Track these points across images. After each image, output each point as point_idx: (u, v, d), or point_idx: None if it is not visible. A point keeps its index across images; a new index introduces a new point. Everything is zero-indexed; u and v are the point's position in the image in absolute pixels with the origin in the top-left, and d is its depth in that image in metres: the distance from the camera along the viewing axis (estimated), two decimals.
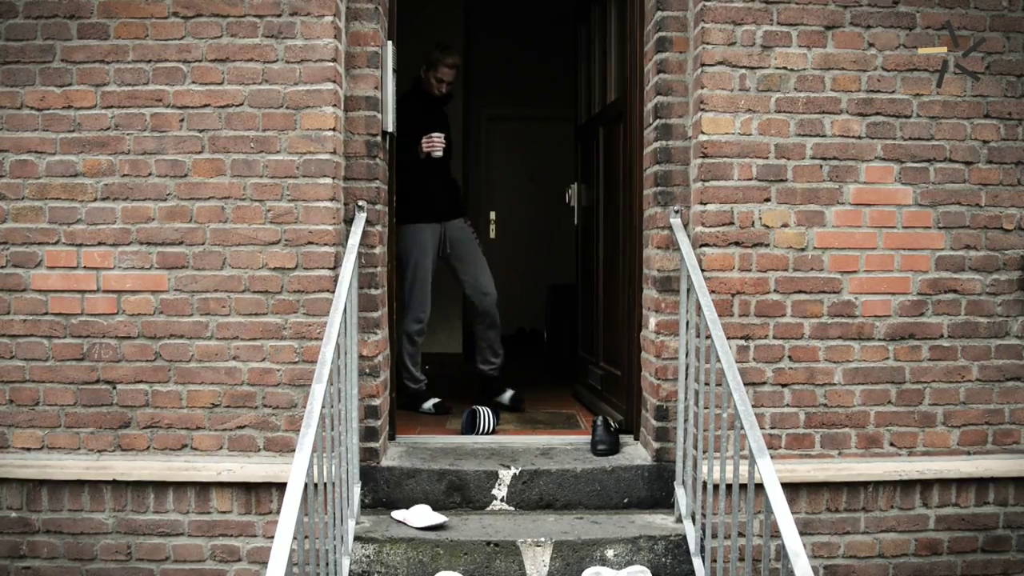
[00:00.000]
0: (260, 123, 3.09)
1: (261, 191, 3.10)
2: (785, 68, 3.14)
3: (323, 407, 2.42)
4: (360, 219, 3.16)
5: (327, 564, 2.51)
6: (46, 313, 3.13)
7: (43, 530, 3.13)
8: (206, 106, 3.09)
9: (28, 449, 3.15)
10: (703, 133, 3.13)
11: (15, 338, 3.13)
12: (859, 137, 3.17)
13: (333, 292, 3.03)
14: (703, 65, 3.12)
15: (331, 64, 3.07)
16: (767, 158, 3.15)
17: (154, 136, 3.10)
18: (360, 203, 3.21)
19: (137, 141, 3.10)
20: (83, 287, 3.12)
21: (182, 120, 3.09)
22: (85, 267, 3.12)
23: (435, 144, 4.10)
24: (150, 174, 3.10)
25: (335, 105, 3.10)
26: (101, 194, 3.11)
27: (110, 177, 3.10)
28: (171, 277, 3.12)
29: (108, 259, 3.12)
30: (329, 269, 3.10)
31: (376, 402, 3.27)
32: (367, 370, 3.25)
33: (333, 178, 3.10)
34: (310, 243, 3.10)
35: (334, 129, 3.09)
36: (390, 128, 3.35)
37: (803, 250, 3.17)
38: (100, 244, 3.11)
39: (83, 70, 3.09)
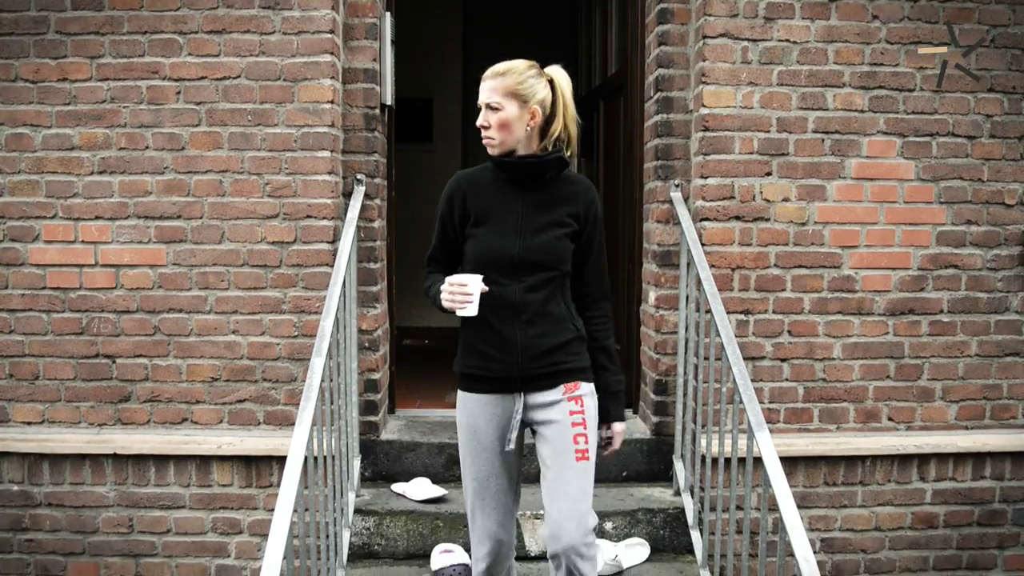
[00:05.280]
0: (257, 96, 3.06)
1: (259, 164, 3.08)
2: (788, 40, 3.10)
3: (322, 381, 2.43)
4: (359, 192, 3.14)
5: (328, 536, 2.53)
6: (44, 287, 3.12)
7: (45, 503, 3.14)
8: (203, 78, 3.05)
9: (29, 423, 3.16)
10: (704, 106, 3.10)
11: (14, 312, 3.12)
12: (861, 111, 3.14)
13: (332, 266, 3.02)
14: (705, 37, 3.08)
15: (329, 36, 3.04)
16: (768, 132, 3.12)
17: (150, 109, 3.07)
18: (359, 176, 3.19)
19: (133, 114, 3.07)
20: (81, 261, 3.11)
21: (179, 92, 3.06)
22: (83, 241, 3.11)
23: (455, 297, 2.09)
24: (147, 147, 3.08)
25: (333, 77, 3.07)
26: (98, 167, 3.09)
27: (106, 150, 3.08)
28: (169, 251, 3.11)
29: (106, 233, 3.10)
30: (328, 243, 3.09)
31: (375, 376, 3.27)
32: (366, 344, 3.25)
33: (331, 151, 3.08)
34: (309, 216, 3.09)
35: (332, 102, 3.06)
36: (389, 101, 3.32)
37: (804, 224, 3.16)
38: (98, 218, 3.10)
39: (77, 42, 3.05)
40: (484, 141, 2.19)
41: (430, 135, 6.64)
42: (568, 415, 2.19)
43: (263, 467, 3.13)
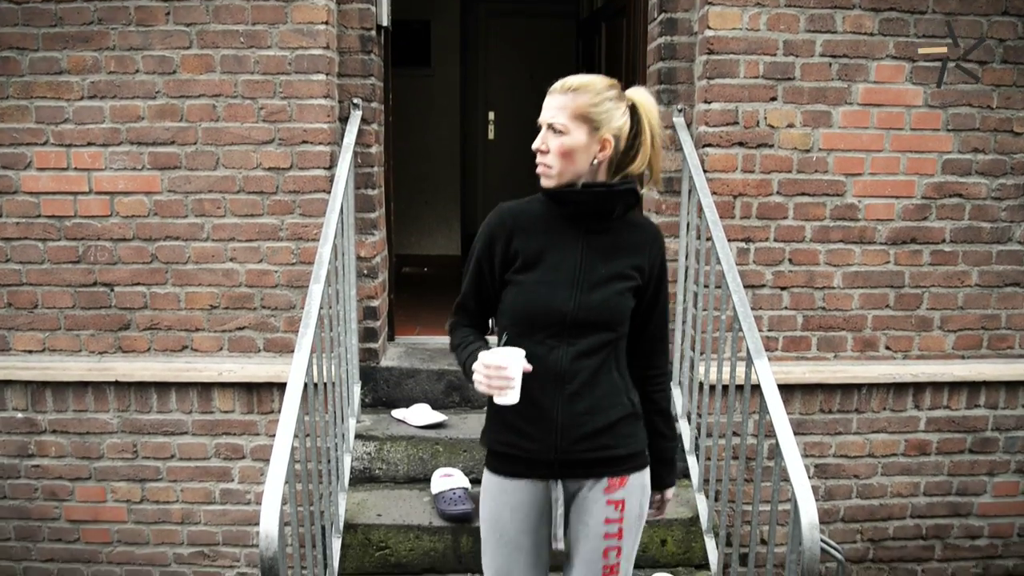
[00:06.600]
0: (249, 16, 2.97)
1: (253, 88, 3.01)
2: None
3: (321, 308, 2.42)
4: (355, 117, 3.08)
5: (329, 461, 2.57)
6: (39, 216, 3.09)
7: (49, 430, 3.18)
8: None
9: (30, 352, 3.17)
10: (710, 28, 3.01)
11: (9, 241, 3.10)
12: (871, 34, 3.05)
13: (329, 192, 2.98)
14: None
15: None
16: (775, 55, 3.04)
17: (139, 31, 2.98)
18: (355, 101, 3.12)
19: (122, 36, 2.98)
20: (75, 189, 3.07)
21: (168, 13, 2.97)
22: (76, 168, 3.06)
23: (492, 382, 1.72)
24: (137, 71, 3.00)
25: None
26: (88, 92, 3.01)
27: (96, 74, 3.00)
28: (164, 178, 3.06)
29: (99, 160, 3.05)
30: (325, 169, 3.05)
31: (375, 303, 3.27)
32: (365, 271, 3.24)
33: (327, 74, 3.00)
34: (305, 142, 3.03)
35: (326, 23, 2.97)
36: (385, 22, 3.23)
37: (808, 151, 3.11)
38: (90, 144, 3.04)
39: None
40: (539, 169, 1.80)
41: (428, 59, 6.50)
42: (603, 523, 1.84)
43: (264, 394, 3.15)
